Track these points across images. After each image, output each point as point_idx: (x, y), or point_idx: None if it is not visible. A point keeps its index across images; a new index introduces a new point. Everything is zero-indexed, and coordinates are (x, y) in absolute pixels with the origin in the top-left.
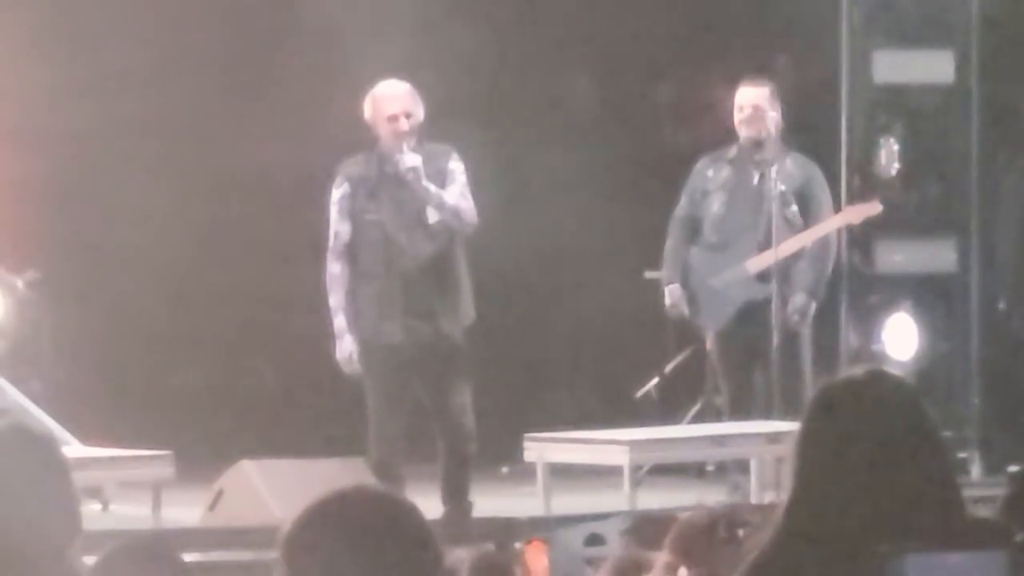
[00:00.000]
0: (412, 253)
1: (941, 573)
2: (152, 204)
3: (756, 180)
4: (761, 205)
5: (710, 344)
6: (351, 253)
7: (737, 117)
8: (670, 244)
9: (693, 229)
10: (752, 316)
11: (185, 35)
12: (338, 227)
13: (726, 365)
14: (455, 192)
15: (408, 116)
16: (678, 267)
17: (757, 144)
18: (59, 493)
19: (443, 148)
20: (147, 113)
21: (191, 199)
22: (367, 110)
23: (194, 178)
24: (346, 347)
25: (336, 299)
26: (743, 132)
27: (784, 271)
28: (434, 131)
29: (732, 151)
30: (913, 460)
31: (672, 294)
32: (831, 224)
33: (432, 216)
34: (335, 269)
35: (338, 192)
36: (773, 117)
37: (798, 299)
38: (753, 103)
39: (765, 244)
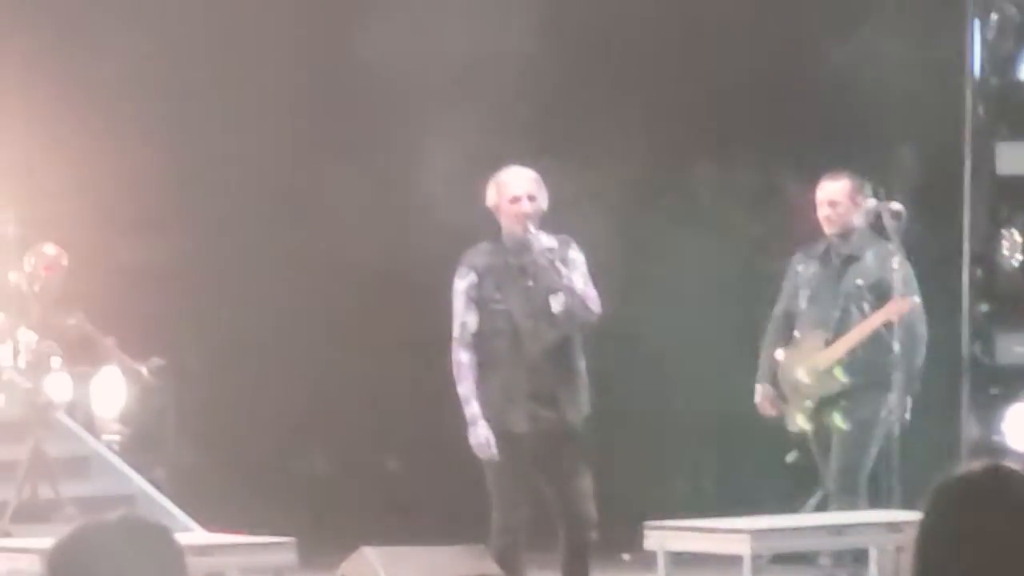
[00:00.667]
0: (538, 342)
1: None
2: (276, 292)
3: (837, 275)
4: (837, 301)
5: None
6: (477, 342)
7: (819, 213)
8: (765, 340)
9: (789, 326)
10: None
11: (314, 122)
12: (465, 317)
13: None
14: (579, 280)
15: (532, 199)
16: (768, 365)
17: (841, 238)
18: None
19: (563, 237)
20: (275, 200)
21: (318, 288)
22: (490, 196)
23: (323, 267)
24: (481, 432)
25: (466, 387)
26: (825, 228)
27: (867, 366)
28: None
29: (821, 246)
30: None
31: (761, 392)
32: (872, 323)
33: (556, 305)
34: (463, 358)
35: (463, 282)
36: (854, 210)
37: (892, 400)
38: (831, 198)
39: (833, 340)
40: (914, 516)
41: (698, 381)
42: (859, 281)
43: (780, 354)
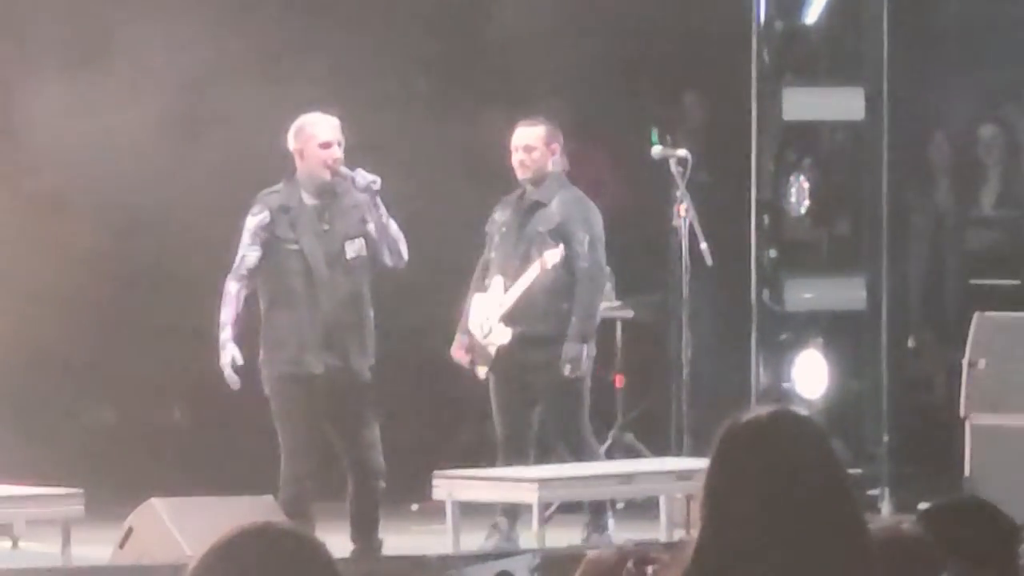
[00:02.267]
0: (330, 286)
1: None
2: (63, 237)
3: (523, 222)
4: (519, 247)
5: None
6: (267, 282)
7: (514, 159)
8: (470, 289)
9: (484, 274)
10: (510, 359)
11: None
12: (247, 251)
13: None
14: (393, 223)
15: (340, 144)
16: (465, 316)
17: (534, 184)
18: None
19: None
20: (43, 141)
21: (104, 232)
22: (294, 139)
23: (103, 211)
24: (228, 354)
25: (226, 314)
26: (519, 174)
27: (540, 314)
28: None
29: (517, 193)
30: (821, 500)
31: (456, 342)
32: (529, 275)
33: (351, 251)
34: (231, 288)
35: (255, 219)
36: (547, 156)
37: (568, 349)
38: (525, 143)
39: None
40: (703, 463)
41: None
42: (540, 228)
43: (474, 301)
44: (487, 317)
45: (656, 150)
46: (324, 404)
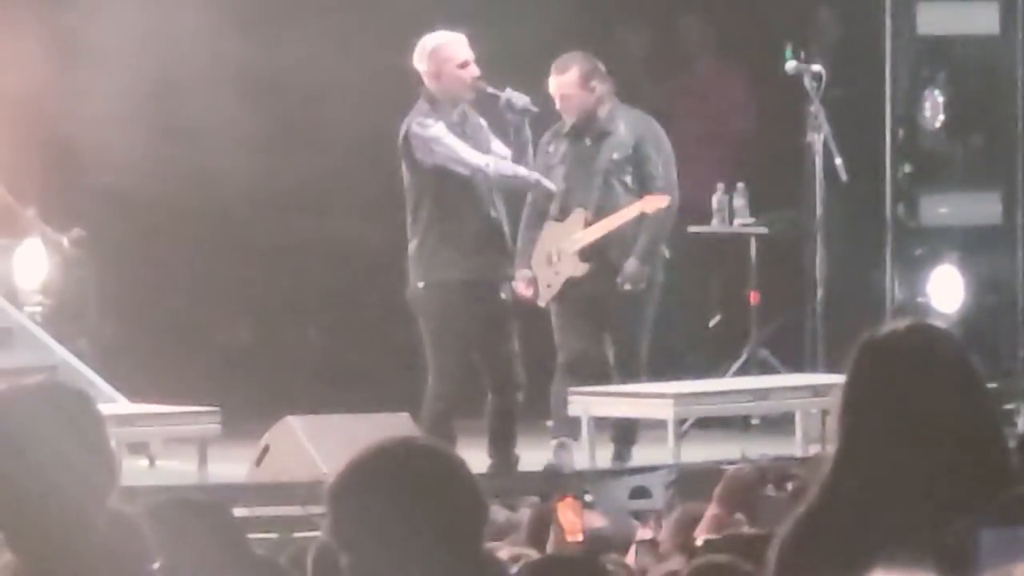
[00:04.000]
0: (489, 199)
1: (1017, 546)
2: (197, 160)
3: (590, 152)
4: (594, 179)
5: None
6: (439, 191)
7: (558, 104)
8: (522, 226)
9: (544, 207)
10: (580, 290)
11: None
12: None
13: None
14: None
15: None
16: (527, 251)
17: (586, 118)
18: (95, 445)
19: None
20: (185, 74)
21: (235, 156)
22: (428, 61)
23: (239, 135)
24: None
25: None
26: (564, 116)
27: (616, 243)
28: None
29: (567, 125)
30: (960, 412)
31: (518, 276)
32: (626, 215)
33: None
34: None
35: (437, 124)
36: (589, 95)
37: (628, 265)
38: (562, 92)
39: (593, 219)
40: (838, 379)
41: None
42: (615, 155)
43: (546, 231)
44: (559, 249)
45: (790, 66)
46: (466, 316)
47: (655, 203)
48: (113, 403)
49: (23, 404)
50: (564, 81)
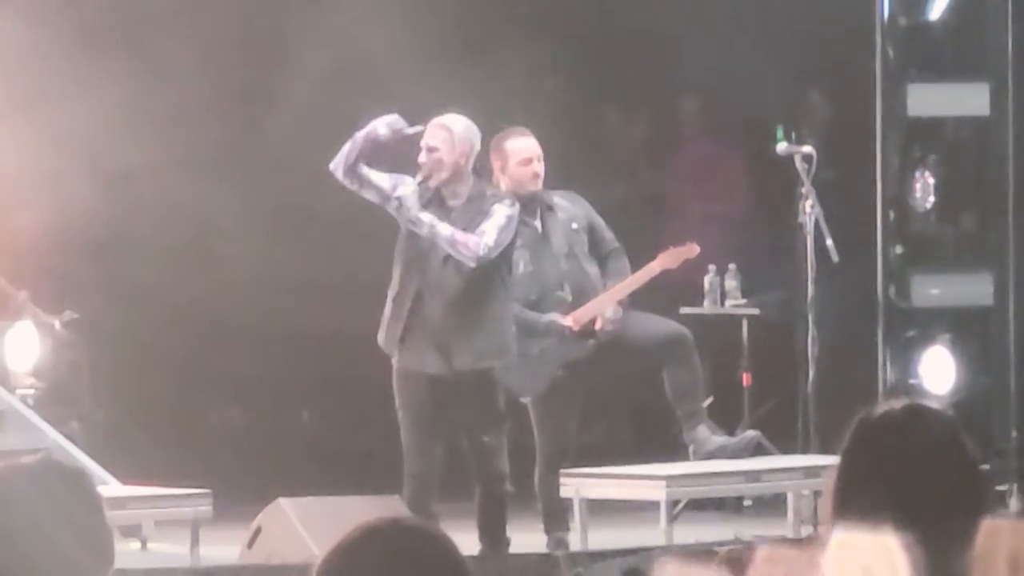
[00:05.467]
0: (447, 284)
1: None
2: (188, 245)
3: (553, 230)
4: (571, 257)
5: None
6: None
7: (524, 171)
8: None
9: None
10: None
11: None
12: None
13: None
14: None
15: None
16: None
17: (540, 190)
18: (91, 527)
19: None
20: (178, 155)
21: (228, 239)
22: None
23: (230, 218)
24: None
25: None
26: (531, 186)
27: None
28: None
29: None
30: (953, 494)
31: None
32: (652, 270)
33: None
34: None
35: (513, 210)
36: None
37: (616, 311)
38: (538, 153)
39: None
40: (831, 460)
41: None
42: (574, 225)
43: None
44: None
45: (781, 147)
46: (447, 403)
47: (680, 255)
48: (105, 485)
49: (20, 481)
50: (534, 143)
